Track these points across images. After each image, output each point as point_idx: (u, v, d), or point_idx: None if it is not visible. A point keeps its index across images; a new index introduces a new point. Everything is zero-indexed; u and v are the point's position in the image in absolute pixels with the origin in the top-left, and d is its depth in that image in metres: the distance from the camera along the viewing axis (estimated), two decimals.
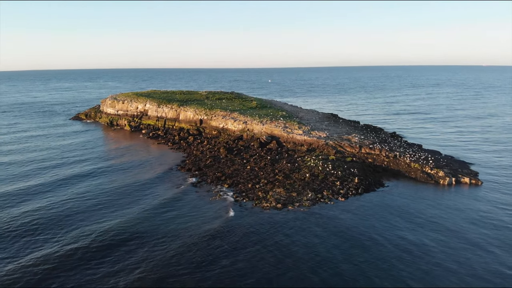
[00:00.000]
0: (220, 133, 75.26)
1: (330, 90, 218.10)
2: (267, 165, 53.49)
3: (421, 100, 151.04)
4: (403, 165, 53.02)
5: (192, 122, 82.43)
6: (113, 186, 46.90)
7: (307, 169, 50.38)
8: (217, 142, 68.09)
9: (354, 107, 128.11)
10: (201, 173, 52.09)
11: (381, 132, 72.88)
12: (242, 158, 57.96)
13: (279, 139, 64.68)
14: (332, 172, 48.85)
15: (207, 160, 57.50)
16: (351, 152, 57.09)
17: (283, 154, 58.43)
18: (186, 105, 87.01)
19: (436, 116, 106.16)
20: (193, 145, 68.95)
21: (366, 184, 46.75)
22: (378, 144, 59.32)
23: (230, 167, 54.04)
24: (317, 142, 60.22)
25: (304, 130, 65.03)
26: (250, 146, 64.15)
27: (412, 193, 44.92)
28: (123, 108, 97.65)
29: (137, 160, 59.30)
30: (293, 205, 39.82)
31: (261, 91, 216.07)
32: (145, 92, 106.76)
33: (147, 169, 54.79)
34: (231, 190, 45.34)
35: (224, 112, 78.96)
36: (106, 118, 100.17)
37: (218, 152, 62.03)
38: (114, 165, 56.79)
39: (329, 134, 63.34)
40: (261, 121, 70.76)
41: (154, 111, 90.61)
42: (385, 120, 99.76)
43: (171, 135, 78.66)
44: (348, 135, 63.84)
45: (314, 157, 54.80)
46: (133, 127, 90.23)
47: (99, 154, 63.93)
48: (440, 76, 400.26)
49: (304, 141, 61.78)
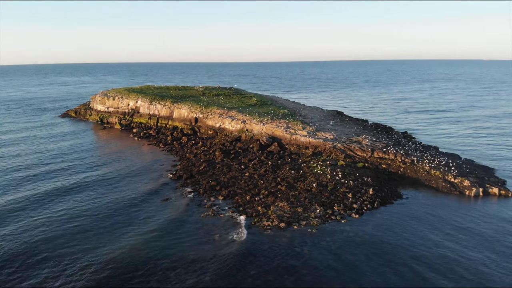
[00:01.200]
0: (216, 133, 69.02)
1: (333, 85, 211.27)
2: (268, 172, 47.30)
3: (431, 96, 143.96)
4: (422, 172, 46.82)
5: (187, 121, 76.15)
6: (96, 204, 39.13)
7: (313, 177, 44.19)
8: (213, 144, 61.86)
9: (359, 104, 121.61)
10: (193, 182, 45.92)
11: (393, 133, 66.60)
12: (240, 163, 51.79)
13: (281, 140, 58.44)
14: (343, 181, 42.65)
15: (200, 166, 51.32)
16: (362, 157, 50.87)
17: (285, 159, 52.23)
18: (180, 102, 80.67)
19: (450, 114, 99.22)
20: (186, 147, 62.75)
21: (382, 196, 40.57)
22: (392, 147, 53.08)
23: (226, 173, 47.87)
24: (324, 145, 53.98)
25: (309, 130, 58.75)
26: (249, 149, 57.95)
27: (436, 207, 38.77)
28: (114, 105, 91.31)
29: (124, 169, 52.08)
30: (299, 224, 33.69)
31: (262, 86, 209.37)
32: (138, 88, 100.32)
33: (134, 180, 47.57)
34: (226, 203, 39.20)
35: (221, 110, 72.68)
36: (96, 116, 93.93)
37: (213, 155, 55.84)
38: (99, 176, 49.01)
39: (336, 136, 57.08)
40: (261, 120, 64.49)
41: (146, 109, 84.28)
42: (394, 118, 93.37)
43: (163, 135, 72.43)
44: (358, 137, 57.58)
45: (321, 163, 48.62)
46: (124, 125, 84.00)
47: (84, 161, 56.62)
48: (448, 70, 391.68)
49: (309, 143, 55.53)
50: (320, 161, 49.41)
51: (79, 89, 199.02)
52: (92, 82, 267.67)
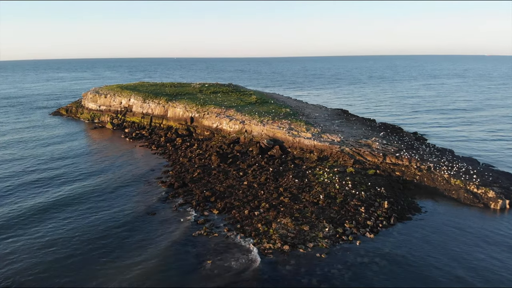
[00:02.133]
0: (213, 134, 64.19)
1: (336, 81, 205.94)
2: (269, 180, 42.50)
3: (439, 93, 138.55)
4: (441, 180, 42.02)
5: (182, 120, 71.30)
6: (78, 224, 33.73)
7: (320, 187, 39.40)
8: (209, 146, 57.05)
9: (364, 101, 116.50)
10: (186, 191, 41.15)
11: (403, 134, 61.70)
12: (238, 168, 47.01)
13: (283, 143, 53.62)
14: (353, 192, 37.88)
15: (195, 172, 46.57)
16: (373, 163, 46.06)
17: (288, 164, 47.43)
18: (175, 100, 75.77)
19: (462, 113, 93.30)
20: (180, 149, 57.96)
21: (399, 210, 35.81)
22: (405, 151, 48.25)
23: (223, 182, 43.11)
24: (330, 149, 49.15)
25: (313, 132, 53.91)
26: (248, 152, 53.15)
27: (461, 223, 34.02)
28: (106, 103, 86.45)
29: (112, 178, 46.03)
30: (306, 247, 28.97)
31: (262, 82, 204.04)
32: (131, 85, 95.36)
33: (121, 191, 41.58)
34: (221, 218, 34.47)
35: (219, 109, 67.82)
36: (88, 114, 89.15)
37: (209, 160, 51.06)
38: (85, 187, 42.51)
39: (343, 138, 52.23)
40: (262, 120, 59.64)
41: (139, 107, 79.41)
42: (402, 117, 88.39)
43: (156, 136, 67.61)
44: (367, 139, 52.75)
45: (328, 169, 43.82)
46: (116, 125, 79.15)
47: (70, 169, 50.34)
48: (454, 66, 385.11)
49: (314, 146, 50.72)
50: (327, 167, 44.61)
51: (74, 86, 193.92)
52: (89, 78, 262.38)
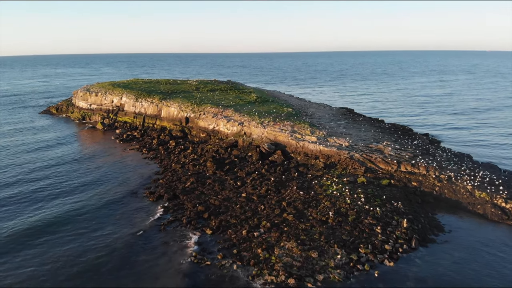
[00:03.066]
0: (209, 136, 59.40)
1: (338, 77, 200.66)
2: (271, 191, 37.77)
3: (448, 90, 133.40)
4: (463, 193, 37.28)
5: (176, 121, 66.47)
6: (52, 254, 29.59)
7: (328, 201, 34.68)
8: (204, 151, 52.28)
9: (369, 99, 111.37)
10: (176, 205, 36.46)
11: (416, 136, 56.82)
12: (236, 177, 42.28)
13: (286, 148, 48.83)
14: (367, 207, 33.16)
15: (187, 181, 41.84)
16: (386, 171, 41.30)
17: (291, 172, 42.66)
18: (169, 99, 70.87)
19: (475, 114, 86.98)
20: (173, 154, 53.21)
21: (420, 230, 31.11)
22: (420, 157, 43.47)
23: (218, 193, 38.40)
24: (338, 155, 44.36)
25: (319, 136, 49.08)
26: (247, 158, 48.37)
27: (493, 244, 29.39)
28: (97, 102, 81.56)
29: (96, 193, 40.22)
30: (315, 280, 24.29)
31: (263, 78, 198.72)
32: (124, 82, 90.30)
33: (105, 209, 36.41)
34: (215, 240, 29.79)
35: (216, 109, 62.96)
36: (78, 113, 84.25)
37: (204, 166, 46.32)
38: (64, 206, 36.85)
39: (352, 142, 47.41)
40: (262, 122, 54.82)
41: (131, 106, 74.52)
42: (411, 117, 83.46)
43: (149, 138, 62.77)
44: (378, 143, 47.95)
45: (337, 179, 39.08)
46: (107, 125, 74.31)
47: (51, 181, 43.69)
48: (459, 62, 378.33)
49: (320, 152, 45.91)
50: (335, 176, 39.85)
51: (70, 82, 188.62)
52: (86, 74, 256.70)
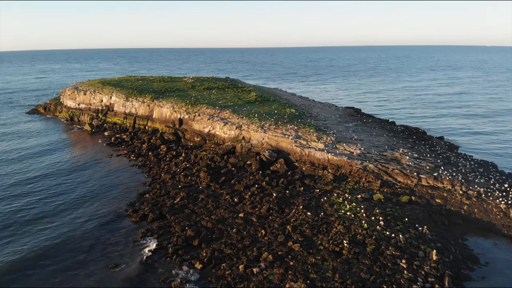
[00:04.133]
0: (205, 141, 54.04)
1: (340, 73, 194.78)
2: (273, 211, 32.48)
3: (458, 88, 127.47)
4: (496, 212, 31.97)
5: (169, 122, 61.08)
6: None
7: (341, 224, 29.37)
8: (198, 158, 46.94)
9: (375, 97, 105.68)
10: (162, 227, 31.20)
11: (433, 142, 51.39)
12: (233, 191, 36.98)
13: (289, 155, 43.45)
14: (387, 233, 27.85)
15: (177, 195, 36.56)
16: (405, 185, 35.98)
17: (296, 186, 37.34)
18: (162, 98, 65.40)
19: (490, 113, 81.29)
20: (164, 161, 47.93)
21: (452, 263, 25.83)
22: (443, 168, 38.11)
23: (212, 212, 33.13)
24: (349, 165, 38.98)
25: (326, 142, 43.67)
26: (246, 167, 43.01)
27: None
28: (85, 101, 76.11)
29: (73, 215, 34.90)
30: None
31: (263, 74, 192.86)
32: (115, 80, 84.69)
33: (79, 229, 31.64)
34: (206, 278, 24.54)
35: (212, 110, 57.53)
36: (66, 113, 78.86)
37: (197, 177, 41.02)
38: (33, 238, 33.03)
39: (364, 150, 42.00)
40: (262, 125, 49.41)
41: (121, 106, 69.07)
42: (421, 117, 77.94)
43: (138, 141, 57.41)
44: (393, 151, 42.56)
45: (349, 195, 33.77)
46: (95, 126, 68.91)
47: (25, 201, 38.04)
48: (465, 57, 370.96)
49: (328, 161, 40.54)
50: (347, 192, 34.53)
51: (65, 78, 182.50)
52: (83, 69, 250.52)
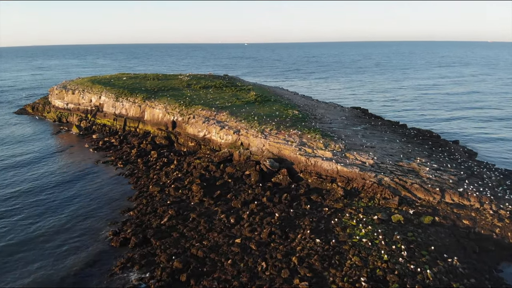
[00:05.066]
0: (199, 146, 49.40)
1: (343, 70, 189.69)
2: (275, 236, 27.86)
3: (464, 85, 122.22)
4: None
5: (162, 125, 56.43)
6: None
7: (357, 255, 24.72)
8: (191, 167, 42.30)
9: (380, 96, 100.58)
10: (144, 255, 26.62)
11: (449, 147, 46.69)
12: (229, 209, 32.40)
13: (293, 165, 38.81)
14: (412, 267, 23.24)
15: (165, 214, 32.01)
16: (426, 202, 31.37)
17: (301, 202, 32.74)
18: (155, 99, 60.67)
19: (505, 116, 77.15)
20: (153, 169, 43.35)
21: None
22: (468, 182, 33.50)
23: (204, 236, 28.55)
24: (362, 178, 34.33)
25: (335, 150, 39.00)
26: (244, 178, 38.38)
27: None
28: (74, 101, 71.40)
29: (47, 236, 30.85)
30: None
31: (263, 71, 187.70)
32: (106, 78, 79.75)
33: (51, 254, 27.53)
34: None
35: (208, 111, 52.86)
36: (54, 114, 74.17)
37: (188, 190, 36.44)
38: (5, 249, 29.05)
39: (377, 159, 37.35)
40: (262, 129, 44.73)
41: (110, 106, 64.35)
42: (432, 118, 73.30)
43: (128, 146, 52.76)
44: (409, 160, 37.92)
45: (363, 216, 29.18)
46: (83, 128, 64.26)
47: (2, 209, 36.13)
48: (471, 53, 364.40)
49: (337, 172, 35.90)
50: (361, 212, 29.93)
51: (60, 75, 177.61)
52: (80, 66, 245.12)
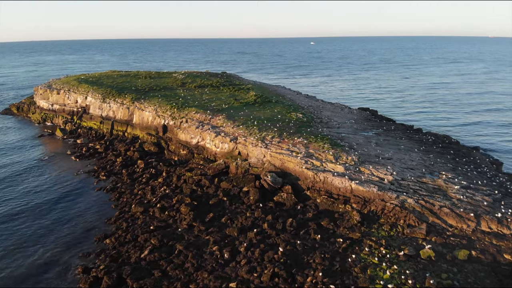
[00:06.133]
0: (192, 154, 44.10)
1: (346, 65, 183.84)
2: (279, 279, 22.58)
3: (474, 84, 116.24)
4: None
5: (152, 129, 51.15)
6: None
7: None
8: (181, 181, 37.03)
9: (387, 95, 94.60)
10: None
11: (472, 156, 41.27)
12: (223, 238, 27.11)
13: (298, 180, 33.49)
14: None
15: (146, 244, 26.77)
16: (459, 230, 26.05)
17: (309, 230, 27.42)
18: (144, 99, 55.32)
19: None
20: (139, 183, 38.14)
21: None
22: (505, 204, 28.17)
23: (191, 277, 23.28)
24: (381, 199, 28.97)
25: (347, 163, 33.60)
26: (242, 195, 33.10)
27: None
28: (59, 101, 66.12)
29: (8, 268, 27.21)
30: None
31: (264, 67, 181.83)
32: (95, 76, 74.20)
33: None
34: None
35: (203, 115, 47.54)
36: (39, 115, 68.95)
37: (176, 211, 31.21)
38: None
39: (397, 174, 31.97)
40: (263, 137, 39.37)
41: (97, 108, 59.03)
42: (444, 119, 68.03)
43: (113, 153, 47.49)
44: (433, 176, 32.56)
45: (386, 250, 23.92)
46: (68, 132, 59.07)
47: None
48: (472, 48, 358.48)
49: (351, 192, 30.54)
50: (383, 244, 24.67)
51: (54, 72, 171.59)
52: (76, 61, 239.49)
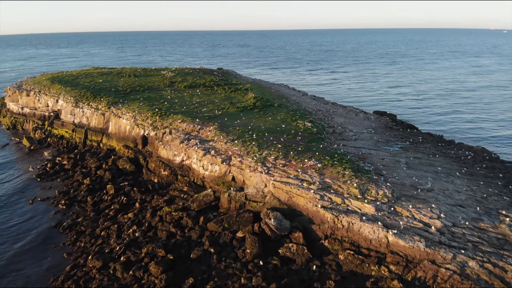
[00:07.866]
0: (175, 176, 35.39)
1: (351, 59, 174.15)
2: None
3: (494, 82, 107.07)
4: None
5: (129, 140, 42.47)
6: None
7: None
8: (158, 218, 28.39)
9: (401, 95, 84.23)
10: None
11: None
12: None
13: (312, 224, 24.75)
14: None
15: None
16: None
17: None
18: (122, 104, 46.52)
19: None
20: (104, 218, 29.59)
21: None
22: None
23: None
24: (430, 261, 20.29)
25: (378, 200, 24.75)
26: (235, 244, 24.47)
27: None
28: (30, 104, 57.46)
29: None
30: None
31: (264, 62, 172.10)
32: (72, 74, 65.17)
33: None
34: None
35: (190, 124, 38.78)
36: (9, 119, 60.38)
37: (145, 271, 22.67)
38: None
39: (446, 218, 23.24)
40: (264, 158, 30.58)
41: (68, 114, 50.33)
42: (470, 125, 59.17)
43: (81, 172, 38.86)
44: (492, 217, 23.84)
45: None
46: (36, 141, 50.57)
47: None
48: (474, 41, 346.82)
49: (387, 246, 21.80)
50: None
51: (42, 67, 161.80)
52: (71, 55, 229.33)
